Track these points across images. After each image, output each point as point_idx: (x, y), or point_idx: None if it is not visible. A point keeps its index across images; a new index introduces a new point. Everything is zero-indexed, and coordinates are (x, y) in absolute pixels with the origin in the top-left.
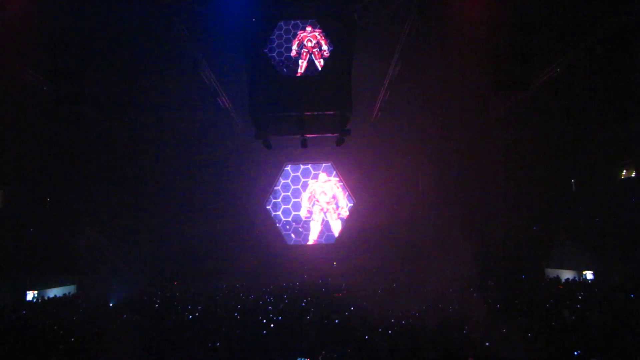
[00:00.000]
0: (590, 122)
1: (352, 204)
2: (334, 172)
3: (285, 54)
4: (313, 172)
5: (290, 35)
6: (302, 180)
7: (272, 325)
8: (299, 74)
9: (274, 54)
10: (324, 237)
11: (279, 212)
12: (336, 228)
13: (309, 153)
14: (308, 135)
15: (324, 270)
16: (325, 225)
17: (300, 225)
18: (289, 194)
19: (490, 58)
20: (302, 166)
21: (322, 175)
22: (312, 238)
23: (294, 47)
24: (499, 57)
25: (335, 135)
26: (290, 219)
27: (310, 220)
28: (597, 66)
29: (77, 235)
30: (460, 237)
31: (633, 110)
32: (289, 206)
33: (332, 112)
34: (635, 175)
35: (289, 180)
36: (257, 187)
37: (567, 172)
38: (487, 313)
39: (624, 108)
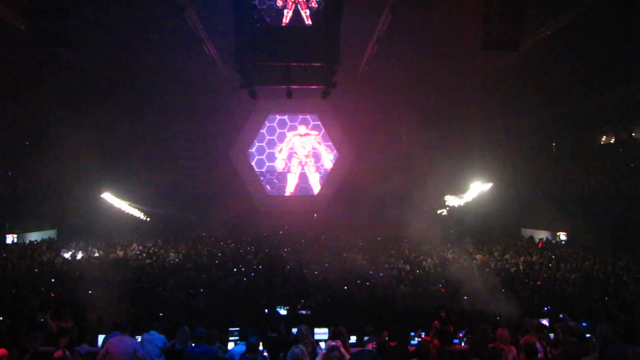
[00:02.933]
0: (574, 88)
1: (334, 157)
2: (311, 124)
3: (268, 3)
4: (289, 124)
5: None
6: (278, 131)
7: (252, 274)
8: (283, 24)
9: (256, 2)
10: (299, 189)
11: (253, 163)
12: (314, 181)
13: (293, 104)
14: (293, 87)
15: (304, 221)
16: (303, 178)
17: (274, 177)
18: (264, 144)
19: (481, 17)
20: (278, 117)
21: (302, 128)
22: (289, 190)
23: None
24: (489, 16)
25: (321, 87)
26: (264, 170)
27: (287, 173)
28: (583, 32)
29: (57, 179)
30: (439, 194)
31: (616, 78)
32: (263, 157)
33: (319, 64)
34: (613, 141)
35: (264, 130)
36: (240, 136)
37: (548, 135)
38: (463, 269)
39: (608, 75)
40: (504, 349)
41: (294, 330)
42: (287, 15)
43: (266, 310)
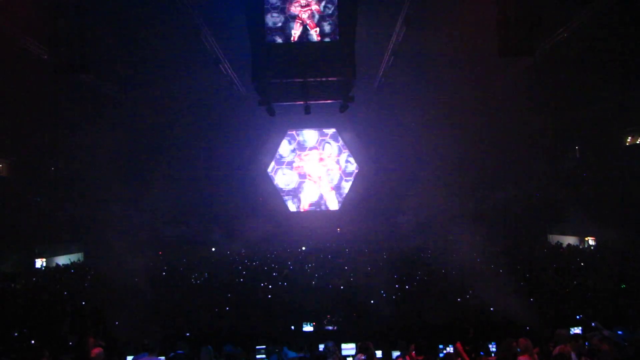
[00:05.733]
0: (595, 89)
1: (356, 170)
2: (328, 139)
3: (273, 20)
4: (307, 141)
5: (281, 4)
6: (288, 146)
7: (276, 291)
8: (292, 40)
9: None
10: (315, 206)
11: (273, 180)
12: (330, 199)
13: (312, 119)
14: (311, 102)
15: (327, 236)
16: (318, 196)
17: (284, 194)
18: (281, 161)
19: (496, 23)
20: (296, 133)
21: (314, 152)
22: (303, 207)
23: (287, 16)
24: (505, 22)
25: (339, 101)
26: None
27: (299, 193)
28: (603, 32)
29: (82, 203)
30: (464, 202)
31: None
32: (273, 173)
33: (335, 79)
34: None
35: (282, 147)
36: (260, 153)
37: (572, 139)
38: (491, 278)
39: (630, 74)
40: None
41: (321, 346)
42: (295, 35)
43: (292, 327)
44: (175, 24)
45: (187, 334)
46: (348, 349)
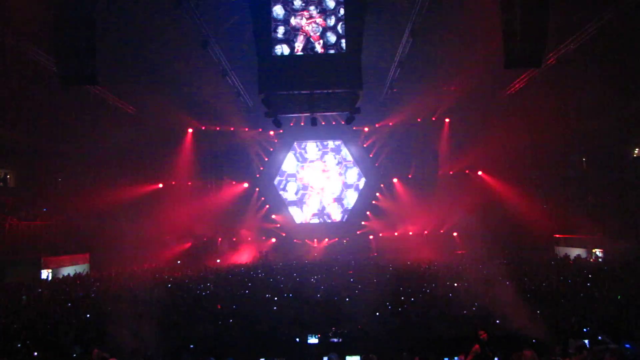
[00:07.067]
0: (603, 100)
1: (363, 182)
2: (337, 151)
3: (278, 33)
4: (311, 152)
5: (286, 17)
6: (296, 158)
7: (282, 303)
8: (296, 52)
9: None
10: (318, 217)
11: (279, 191)
12: (334, 211)
13: (319, 130)
14: (318, 114)
15: (333, 247)
16: (321, 208)
17: (287, 205)
18: (286, 173)
19: (502, 34)
20: (303, 143)
21: (319, 164)
22: (303, 219)
23: (292, 28)
24: (510, 34)
25: (345, 113)
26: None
27: (302, 204)
28: (610, 43)
29: (89, 214)
30: (470, 215)
31: None
32: (277, 184)
33: (342, 90)
34: None
35: (287, 159)
36: (266, 164)
37: (579, 150)
38: (497, 290)
39: (638, 86)
40: None
41: (325, 358)
42: (298, 48)
43: (297, 339)
44: (184, 36)
45: (191, 346)
46: None
